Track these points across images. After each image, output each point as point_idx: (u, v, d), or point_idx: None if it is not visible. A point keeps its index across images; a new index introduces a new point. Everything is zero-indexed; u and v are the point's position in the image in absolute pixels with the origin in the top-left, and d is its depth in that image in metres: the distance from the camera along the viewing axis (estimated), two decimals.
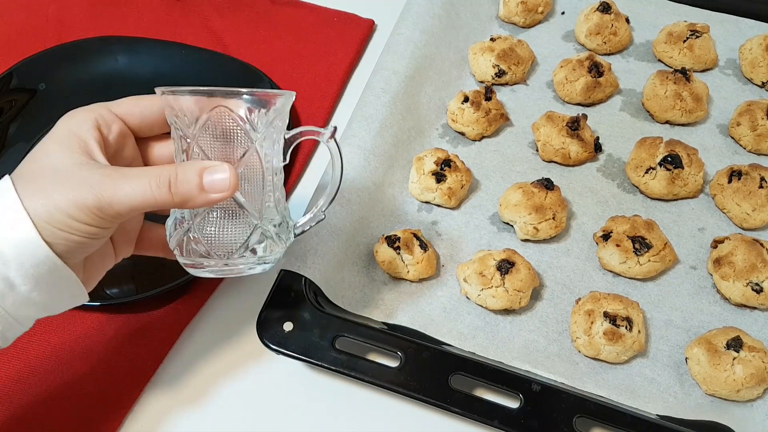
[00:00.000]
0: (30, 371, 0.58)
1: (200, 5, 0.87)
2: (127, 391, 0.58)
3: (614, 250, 0.62)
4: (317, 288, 0.59)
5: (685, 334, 0.60)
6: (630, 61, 0.81)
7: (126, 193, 0.41)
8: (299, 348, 0.56)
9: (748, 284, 0.60)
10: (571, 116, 0.70)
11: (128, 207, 0.41)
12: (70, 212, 0.40)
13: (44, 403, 0.57)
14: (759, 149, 0.71)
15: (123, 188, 0.41)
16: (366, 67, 0.82)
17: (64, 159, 0.42)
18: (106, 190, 0.40)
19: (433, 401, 0.53)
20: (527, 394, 0.53)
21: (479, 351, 0.58)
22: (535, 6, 0.82)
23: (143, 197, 0.41)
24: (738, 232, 0.66)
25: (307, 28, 0.85)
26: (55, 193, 0.40)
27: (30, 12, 0.86)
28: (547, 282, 0.63)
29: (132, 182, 0.41)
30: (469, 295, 0.61)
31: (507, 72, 0.76)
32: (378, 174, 0.67)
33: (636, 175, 0.68)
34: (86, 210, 0.40)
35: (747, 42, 0.79)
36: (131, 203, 0.41)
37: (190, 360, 0.61)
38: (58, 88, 0.76)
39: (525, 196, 0.64)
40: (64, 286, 0.43)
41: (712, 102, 0.76)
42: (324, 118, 0.77)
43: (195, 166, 0.42)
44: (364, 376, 0.54)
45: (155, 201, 0.41)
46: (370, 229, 0.65)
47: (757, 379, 0.55)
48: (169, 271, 0.61)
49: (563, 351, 0.59)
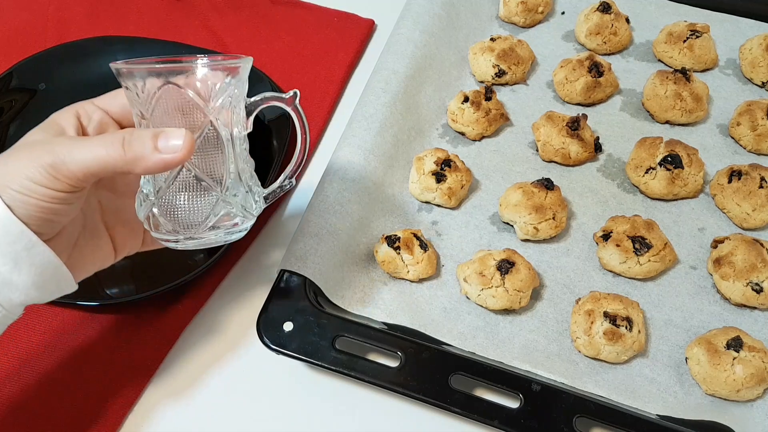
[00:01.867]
0: (30, 371, 0.58)
1: (200, 5, 0.87)
2: (127, 390, 0.58)
3: (614, 250, 0.62)
4: (317, 288, 0.59)
5: (685, 334, 0.60)
6: (630, 61, 0.81)
7: (80, 152, 0.41)
8: (299, 348, 0.56)
9: (748, 284, 0.60)
10: (571, 116, 0.70)
11: (82, 166, 0.41)
12: (27, 172, 0.41)
13: (44, 403, 0.57)
14: (759, 149, 0.71)
15: (79, 149, 0.42)
16: (366, 67, 0.82)
17: (37, 136, 0.44)
18: (62, 151, 0.41)
19: (433, 401, 0.53)
20: (527, 394, 0.53)
21: (479, 351, 0.58)
22: (535, 6, 0.82)
23: (96, 155, 0.42)
24: (738, 232, 0.66)
25: (307, 28, 0.85)
26: (18, 160, 0.42)
27: (30, 12, 0.86)
28: (547, 282, 0.63)
29: (88, 144, 0.42)
30: (469, 295, 0.61)
31: (507, 72, 0.76)
32: (378, 174, 0.67)
33: (636, 175, 0.68)
34: (41, 169, 0.41)
35: (747, 42, 0.79)
36: (85, 162, 0.41)
37: (190, 360, 0.61)
38: (58, 88, 0.76)
39: (525, 196, 0.64)
40: (46, 269, 0.43)
41: (712, 102, 0.76)
42: (324, 118, 0.77)
43: (151, 130, 0.43)
44: (364, 376, 0.54)
45: (108, 158, 0.42)
46: (370, 229, 0.65)
47: (757, 379, 0.55)
48: (169, 271, 0.62)
49: (563, 351, 0.59)
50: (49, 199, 0.42)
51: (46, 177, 0.41)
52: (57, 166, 0.41)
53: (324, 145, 0.76)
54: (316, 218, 0.62)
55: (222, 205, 0.47)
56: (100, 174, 0.42)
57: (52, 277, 0.44)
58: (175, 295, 0.63)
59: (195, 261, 0.64)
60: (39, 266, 0.42)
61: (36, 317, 0.61)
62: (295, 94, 0.51)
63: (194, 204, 0.46)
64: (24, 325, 0.60)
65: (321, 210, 0.63)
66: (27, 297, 0.43)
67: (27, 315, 0.61)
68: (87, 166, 0.42)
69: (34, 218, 0.42)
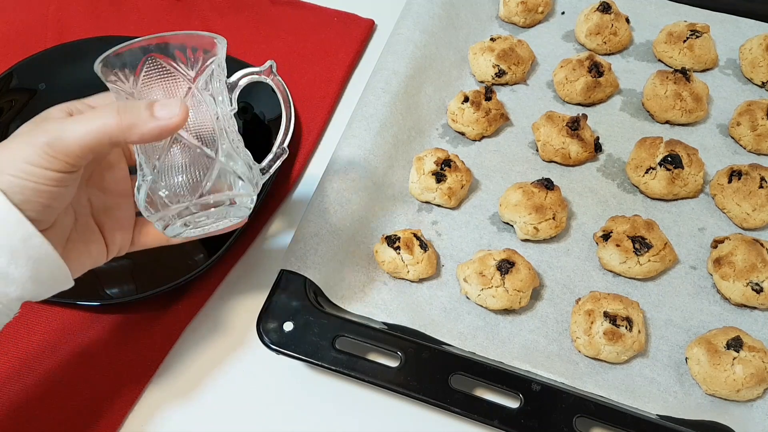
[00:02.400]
0: (29, 371, 0.58)
1: (200, 5, 0.87)
2: (127, 391, 0.58)
3: (614, 250, 0.62)
4: (317, 288, 0.59)
5: (685, 334, 0.60)
6: (630, 61, 0.81)
7: (76, 127, 0.42)
8: (299, 348, 0.56)
9: (748, 284, 0.60)
10: (571, 116, 0.70)
11: (79, 140, 0.41)
12: (24, 155, 0.41)
13: (44, 403, 0.57)
14: (759, 149, 0.71)
15: (74, 124, 0.42)
16: (366, 67, 0.82)
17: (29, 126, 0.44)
18: (57, 128, 0.41)
19: (433, 401, 0.53)
20: (527, 394, 0.53)
21: (479, 351, 0.58)
22: (535, 6, 0.82)
23: (91, 127, 0.41)
24: (738, 232, 0.66)
25: (307, 28, 0.85)
26: (13, 145, 0.42)
27: (30, 12, 0.86)
28: (547, 282, 0.63)
29: (82, 118, 0.42)
30: (469, 295, 0.61)
31: (507, 72, 0.76)
32: (378, 174, 0.67)
33: (636, 175, 0.68)
34: (37, 149, 0.41)
35: (747, 42, 0.79)
36: (81, 136, 0.41)
37: (191, 360, 0.61)
38: (58, 88, 0.76)
39: (525, 196, 0.64)
40: (43, 262, 0.43)
41: (712, 102, 0.76)
42: (324, 118, 0.77)
43: (144, 101, 0.43)
44: (364, 376, 0.54)
45: (104, 128, 0.41)
46: (370, 229, 0.65)
47: (757, 379, 0.55)
48: (169, 271, 0.62)
49: (563, 351, 0.59)
50: (47, 181, 0.41)
51: (44, 157, 0.41)
52: (53, 144, 0.41)
53: (324, 145, 0.76)
54: (316, 218, 0.62)
55: (223, 172, 0.47)
56: (97, 148, 0.42)
57: (49, 271, 0.43)
58: (176, 295, 0.63)
59: (195, 261, 0.64)
60: (36, 259, 0.42)
61: (36, 317, 0.61)
62: (270, 65, 0.51)
63: (194, 171, 0.46)
64: (24, 325, 0.60)
65: (321, 210, 0.63)
66: (24, 292, 0.43)
67: (27, 315, 0.61)
68: (84, 140, 0.41)
69: (32, 204, 0.41)
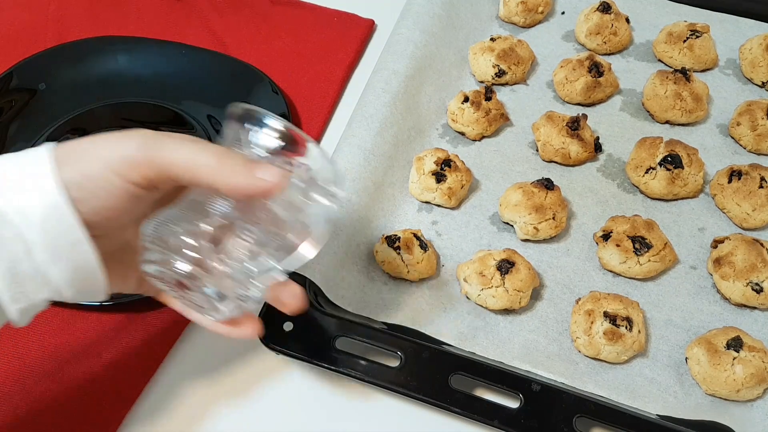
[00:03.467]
0: (29, 371, 0.58)
1: (200, 5, 0.87)
2: (126, 391, 0.58)
3: (614, 250, 0.62)
4: (317, 288, 0.59)
5: (685, 334, 0.60)
6: (630, 61, 0.81)
7: (173, 147, 0.39)
8: (299, 348, 0.56)
9: (748, 284, 0.60)
10: (571, 116, 0.70)
11: (171, 161, 0.39)
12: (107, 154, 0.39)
13: (44, 403, 0.57)
14: (759, 149, 0.71)
15: (173, 142, 0.40)
16: (366, 67, 0.82)
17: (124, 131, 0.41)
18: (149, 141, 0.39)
19: (433, 401, 0.53)
20: (527, 394, 0.53)
21: (479, 351, 0.58)
22: (535, 6, 0.82)
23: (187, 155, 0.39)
24: (738, 232, 0.66)
25: (307, 28, 0.85)
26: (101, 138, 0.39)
27: (30, 12, 0.86)
28: (547, 282, 0.63)
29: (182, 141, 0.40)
30: (469, 295, 0.61)
31: (507, 72, 0.76)
32: (378, 174, 0.67)
33: (636, 175, 0.68)
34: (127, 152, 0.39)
35: (747, 42, 0.79)
36: (175, 158, 0.39)
37: (190, 360, 0.60)
38: (58, 88, 0.76)
39: (525, 196, 0.64)
40: (84, 270, 0.40)
41: (712, 102, 0.76)
42: (324, 118, 0.77)
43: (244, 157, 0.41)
44: (364, 376, 0.54)
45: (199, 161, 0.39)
46: (370, 229, 0.65)
47: (757, 379, 0.55)
48: None
49: (563, 351, 0.59)
50: (121, 192, 0.39)
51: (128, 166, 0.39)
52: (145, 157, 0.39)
53: (324, 145, 0.76)
54: None
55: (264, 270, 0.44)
56: (184, 177, 0.40)
57: (86, 280, 0.41)
58: None
59: None
60: (78, 267, 0.40)
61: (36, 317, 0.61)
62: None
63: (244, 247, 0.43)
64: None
65: None
66: (55, 293, 0.41)
67: None
68: (175, 164, 0.39)
69: (94, 209, 0.39)
